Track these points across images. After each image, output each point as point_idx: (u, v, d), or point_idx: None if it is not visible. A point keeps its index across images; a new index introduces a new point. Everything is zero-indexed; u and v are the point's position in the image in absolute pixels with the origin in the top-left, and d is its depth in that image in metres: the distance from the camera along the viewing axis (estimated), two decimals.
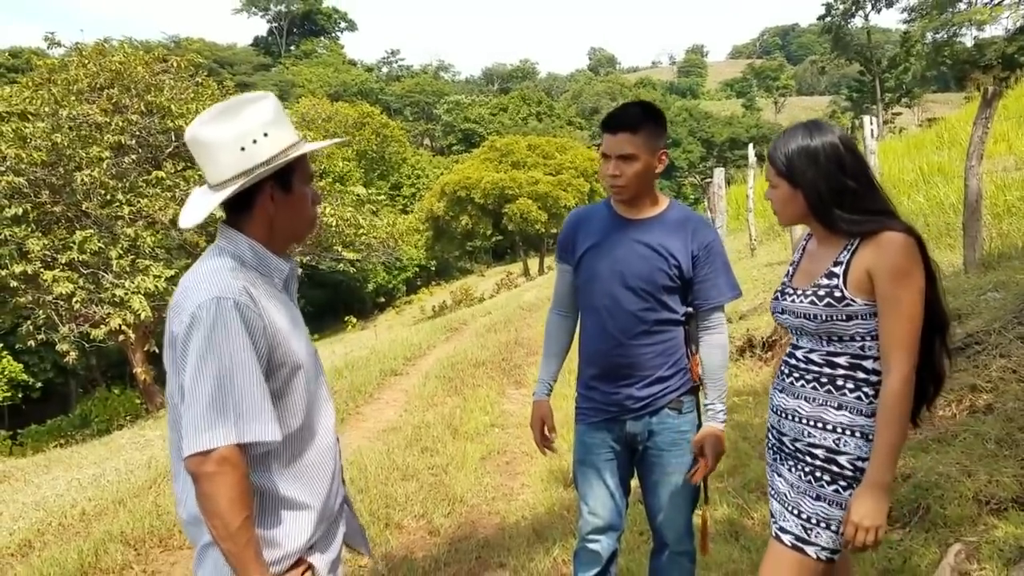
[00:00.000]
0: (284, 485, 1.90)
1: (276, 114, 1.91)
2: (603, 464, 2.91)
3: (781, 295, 2.31)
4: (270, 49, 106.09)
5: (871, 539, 2.04)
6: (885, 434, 2.04)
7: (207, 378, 1.72)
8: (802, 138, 2.17)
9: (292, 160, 1.92)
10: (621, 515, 2.97)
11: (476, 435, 7.05)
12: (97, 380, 29.70)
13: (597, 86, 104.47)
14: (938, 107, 57.82)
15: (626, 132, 2.69)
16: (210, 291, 1.77)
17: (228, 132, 1.84)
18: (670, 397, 2.83)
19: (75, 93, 15.75)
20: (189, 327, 1.75)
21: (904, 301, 2.04)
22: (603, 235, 2.84)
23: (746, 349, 8.11)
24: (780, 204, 2.25)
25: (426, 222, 39.96)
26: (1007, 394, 4.23)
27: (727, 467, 5.19)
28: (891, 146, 14.65)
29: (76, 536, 5.60)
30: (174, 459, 1.97)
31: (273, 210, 1.92)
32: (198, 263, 1.91)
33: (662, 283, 2.74)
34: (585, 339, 2.93)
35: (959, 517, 3.44)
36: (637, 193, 2.78)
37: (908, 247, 2.07)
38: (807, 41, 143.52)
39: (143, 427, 13.45)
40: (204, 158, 1.87)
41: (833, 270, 2.14)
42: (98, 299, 15.13)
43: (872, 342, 2.12)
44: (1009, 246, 6.59)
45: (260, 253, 1.93)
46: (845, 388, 2.14)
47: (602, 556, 2.93)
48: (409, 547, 4.74)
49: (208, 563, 1.89)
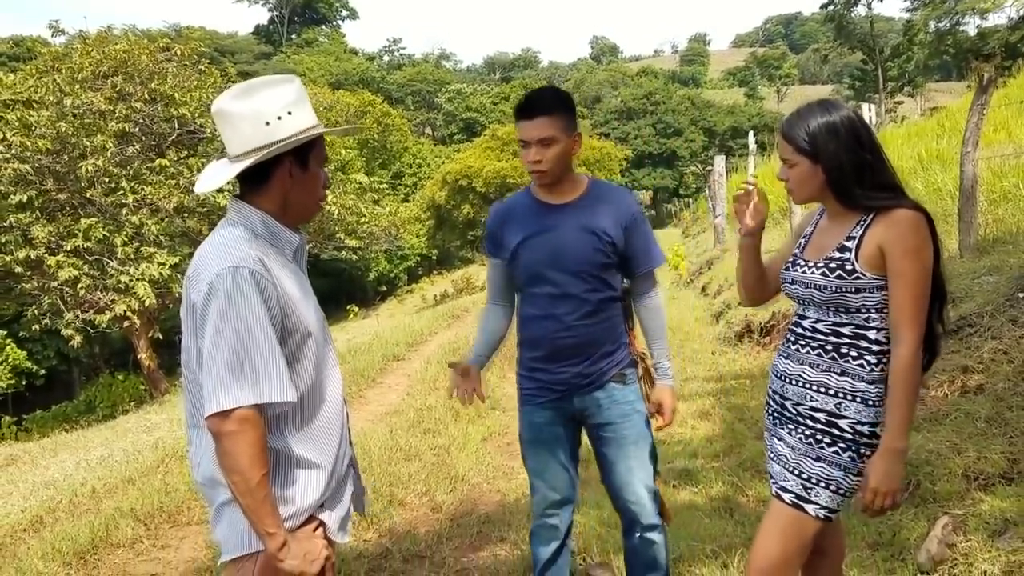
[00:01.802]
0: (297, 446, 2.00)
1: (300, 96, 2.03)
2: (553, 441, 2.95)
3: (792, 265, 2.38)
4: (271, 38, 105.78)
5: (888, 503, 2.14)
6: (898, 402, 2.13)
7: (226, 343, 1.81)
8: (820, 115, 2.22)
9: (311, 139, 2.03)
10: (575, 487, 3.04)
11: (477, 417, 7.17)
12: (100, 367, 29.79)
13: (599, 75, 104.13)
14: (941, 96, 57.74)
15: (543, 116, 2.71)
16: (226, 260, 1.87)
17: (254, 106, 1.96)
18: (614, 371, 2.88)
19: (79, 81, 15.78)
20: (207, 295, 1.85)
21: (914, 276, 2.12)
22: (535, 224, 2.84)
23: (744, 334, 8.23)
24: (799, 182, 2.28)
25: (427, 211, 39.94)
26: (998, 375, 4.32)
27: (723, 447, 5.31)
28: (891, 134, 14.68)
29: (87, 512, 5.72)
30: (188, 425, 2.08)
31: (290, 185, 2.03)
32: (212, 234, 2.02)
33: (601, 261, 2.80)
34: (527, 325, 2.95)
35: (948, 492, 3.53)
36: (559, 176, 2.81)
37: (919, 224, 2.14)
38: (810, 30, 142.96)
39: (148, 412, 13.55)
40: (229, 130, 1.98)
41: (846, 244, 2.22)
42: (103, 285, 15.22)
43: (876, 314, 2.21)
44: (1004, 231, 6.67)
45: (271, 225, 2.04)
46: (849, 355, 2.23)
47: (561, 530, 3.00)
48: (412, 523, 4.86)
49: (224, 520, 2.00)
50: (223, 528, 2.00)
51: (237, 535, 1.96)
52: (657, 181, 67.23)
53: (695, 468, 5.01)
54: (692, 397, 6.62)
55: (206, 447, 1.96)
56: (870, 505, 2.16)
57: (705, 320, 9.94)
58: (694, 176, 59.06)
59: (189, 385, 2.05)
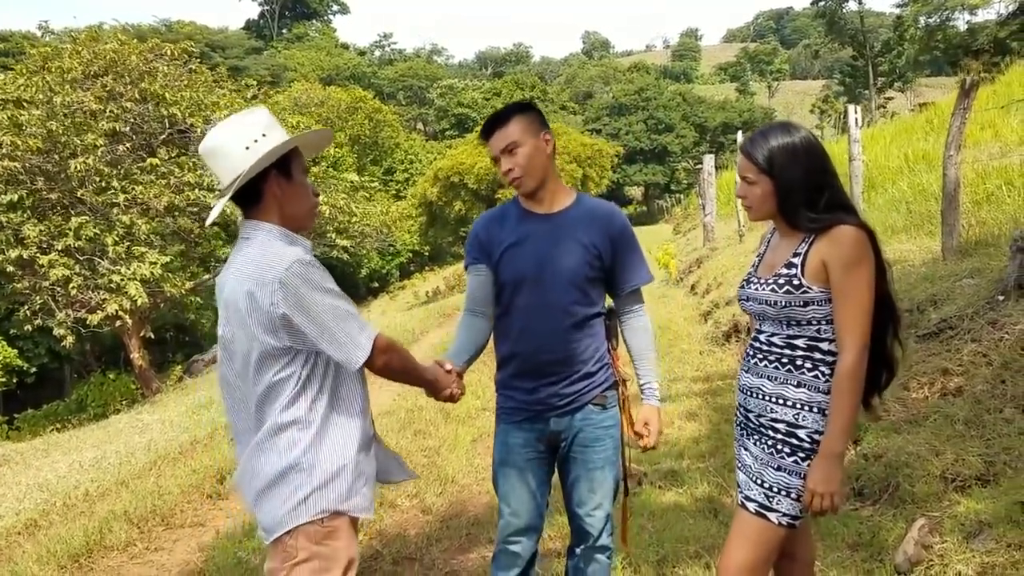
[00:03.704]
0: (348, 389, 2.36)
1: (270, 119, 2.32)
2: (525, 464, 2.87)
3: (747, 283, 2.51)
4: (262, 32, 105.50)
5: (827, 504, 2.25)
6: (838, 409, 2.26)
7: (330, 308, 2.17)
8: (781, 135, 2.33)
9: (289, 150, 2.31)
10: (542, 516, 2.96)
11: (467, 418, 7.23)
12: (92, 365, 29.68)
13: (591, 70, 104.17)
14: (931, 91, 57.88)
15: (500, 128, 2.75)
16: (286, 259, 2.15)
17: (232, 134, 2.26)
18: (594, 393, 2.83)
19: (69, 81, 15.79)
20: (286, 289, 2.12)
21: (855, 288, 2.24)
22: (521, 234, 2.81)
23: (732, 334, 8.29)
24: (759, 200, 2.39)
25: (419, 207, 39.90)
26: (977, 377, 4.38)
27: (708, 448, 5.38)
28: (879, 132, 14.76)
29: (80, 515, 5.77)
30: (241, 440, 2.35)
31: (280, 195, 2.29)
32: (243, 254, 2.25)
33: (587, 275, 2.77)
34: (505, 340, 2.90)
35: (926, 494, 3.61)
36: (539, 182, 2.78)
37: (859, 240, 2.26)
38: (801, 25, 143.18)
39: (140, 411, 13.58)
40: (218, 164, 2.27)
41: (792, 260, 2.34)
42: (94, 285, 15.25)
43: (827, 326, 2.32)
44: (986, 233, 6.73)
45: (289, 235, 2.30)
46: (804, 367, 2.34)
47: (522, 558, 2.91)
48: (403, 524, 4.92)
49: (264, 507, 2.26)
50: (263, 515, 2.27)
51: (273, 518, 2.22)
52: (648, 177, 67.26)
53: (681, 469, 5.08)
54: (679, 398, 6.68)
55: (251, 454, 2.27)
56: (809, 506, 2.28)
57: (694, 319, 10.01)
58: (685, 172, 59.09)
59: (235, 402, 2.34)
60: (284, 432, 2.20)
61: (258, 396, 2.21)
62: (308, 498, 2.20)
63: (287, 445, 2.20)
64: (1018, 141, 9.40)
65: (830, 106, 59.90)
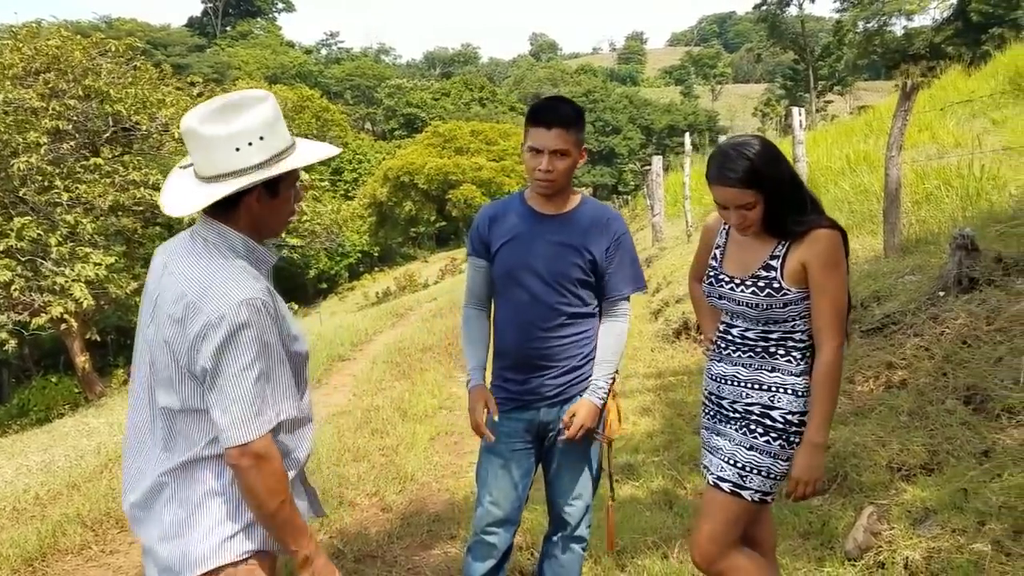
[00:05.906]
0: (286, 441, 2.04)
1: (274, 118, 1.95)
2: (511, 454, 2.92)
3: (716, 281, 2.57)
4: (205, 30, 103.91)
5: (810, 491, 2.41)
6: (819, 401, 2.38)
7: (247, 377, 1.82)
8: (752, 150, 2.34)
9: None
10: (520, 510, 2.99)
11: (425, 417, 7.26)
12: (31, 369, 29.00)
13: (539, 72, 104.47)
14: (869, 95, 59.12)
15: (561, 128, 2.69)
16: (237, 294, 1.84)
17: (226, 130, 1.88)
18: (582, 386, 2.88)
19: (10, 78, 15.42)
20: (220, 330, 1.81)
21: (834, 287, 2.36)
22: (520, 230, 2.86)
23: (682, 331, 8.43)
24: (758, 219, 2.39)
25: (369, 208, 39.73)
26: (920, 370, 4.51)
27: (663, 442, 5.48)
28: (821, 134, 15.05)
29: (32, 519, 5.66)
30: (133, 444, 2.05)
31: (257, 210, 1.97)
32: (196, 258, 1.94)
33: (577, 277, 2.81)
34: (499, 332, 2.96)
35: (873, 483, 3.73)
36: (561, 189, 2.83)
37: (837, 242, 2.38)
38: (743, 29, 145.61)
39: (85, 415, 13.32)
40: (199, 151, 1.91)
41: (771, 263, 2.43)
42: (37, 287, 14.88)
43: (801, 320, 2.45)
44: (926, 232, 6.96)
45: (250, 246, 2.00)
46: (777, 354, 2.48)
47: (498, 549, 2.94)
48: (363, 523, 4.93)
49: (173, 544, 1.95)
50: (168, 550, 1.95)
51: (185, 556, 1.93)
52: (596, 178, 67.81)
53: (636, 463, 5.16)
54: (633, 394, 6.78)
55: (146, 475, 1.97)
56: (793, 492, 2.42)
57: (644, 317, 10.13)
58: (632, 174, 59.62)
59: (141, 404, 2.02)
60: (209, 459, 1.93)
61: (177, 413, 1.92)
62: (235, 535, 1.94)
63: (214, 472, 1.94)
64: (954, 143, 9.70)
65: (772, 109, 61.03)
